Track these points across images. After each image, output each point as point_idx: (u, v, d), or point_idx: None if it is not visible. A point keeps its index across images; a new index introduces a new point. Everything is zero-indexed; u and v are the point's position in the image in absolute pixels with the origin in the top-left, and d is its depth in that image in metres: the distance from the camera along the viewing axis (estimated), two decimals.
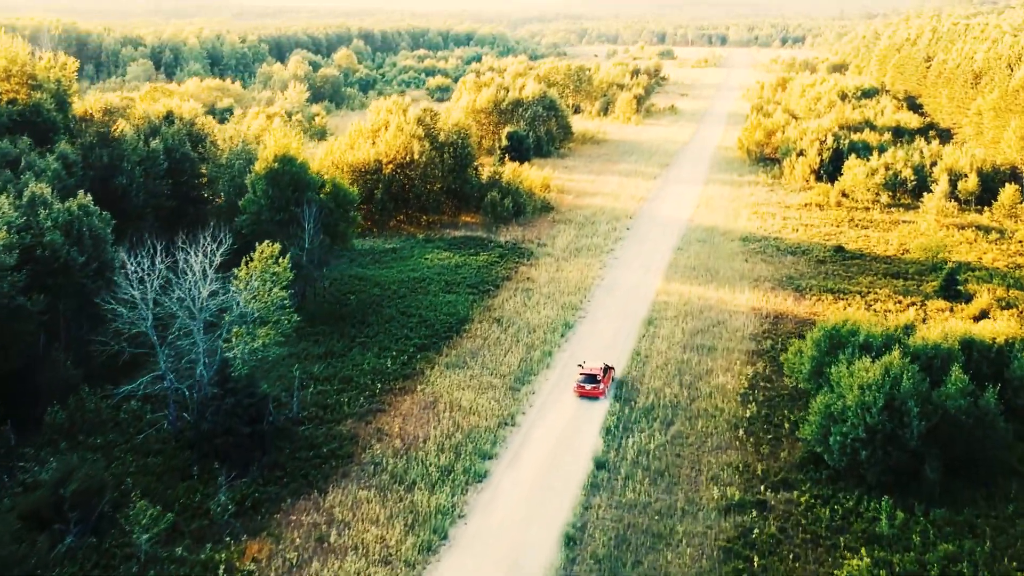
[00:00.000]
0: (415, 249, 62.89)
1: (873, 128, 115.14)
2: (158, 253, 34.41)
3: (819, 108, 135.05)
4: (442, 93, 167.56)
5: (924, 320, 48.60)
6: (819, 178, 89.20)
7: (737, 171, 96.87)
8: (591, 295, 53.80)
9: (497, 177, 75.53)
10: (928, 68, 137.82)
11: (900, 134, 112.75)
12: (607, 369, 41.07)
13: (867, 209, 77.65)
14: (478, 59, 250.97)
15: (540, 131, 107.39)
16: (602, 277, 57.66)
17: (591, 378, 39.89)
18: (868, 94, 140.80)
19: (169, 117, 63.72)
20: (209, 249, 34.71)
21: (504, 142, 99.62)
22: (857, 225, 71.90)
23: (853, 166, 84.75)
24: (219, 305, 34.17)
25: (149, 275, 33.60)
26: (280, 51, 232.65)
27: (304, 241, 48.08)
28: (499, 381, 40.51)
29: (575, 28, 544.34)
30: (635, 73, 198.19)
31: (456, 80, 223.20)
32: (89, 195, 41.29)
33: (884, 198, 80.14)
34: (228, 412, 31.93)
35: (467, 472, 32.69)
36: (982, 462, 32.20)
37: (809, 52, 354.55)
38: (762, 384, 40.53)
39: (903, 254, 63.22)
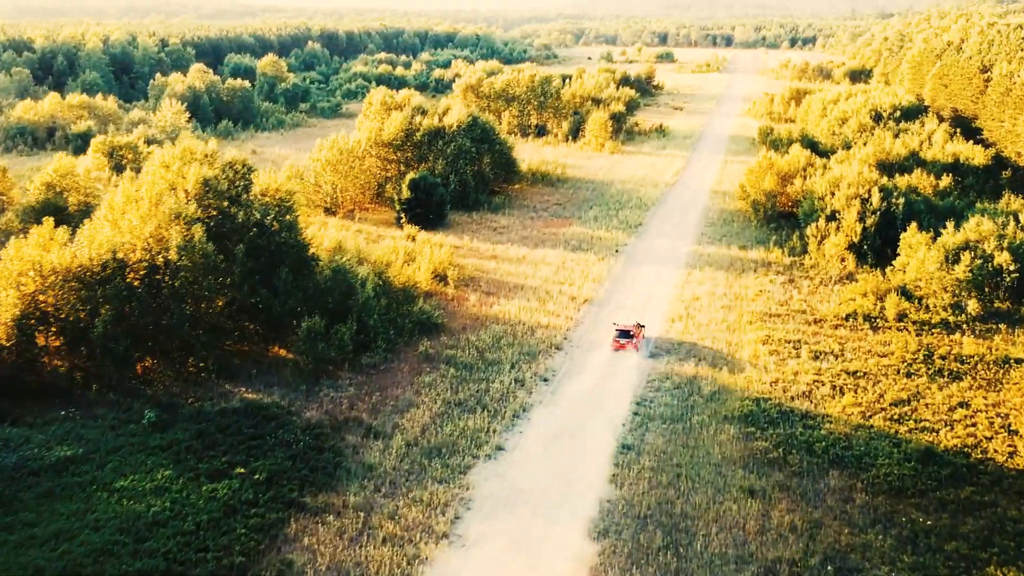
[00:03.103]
0: (114, 456, 32.86)
1: (921, 164, 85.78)
2: None
3: (846, 132, 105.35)
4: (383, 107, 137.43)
5: None
6: (861, 257, 59.24)
7: (738, 239, 66.70)
8: None
9: (341, 275, 45.56)
10: (987, 83, 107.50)
11: (961, 173, 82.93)
12: (639, 326, 45.06)
13: (948, 328, 47.50)
14: (448, 64, 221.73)
15: (467, 173, 77.48)
16: (438, 561, 27.66)
17: (624, 334, 44.09)
18: (908, 115, 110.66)
19: None
20: None
21: (406, 194, 69.76)
22: (941, 371, 41.80)
23: (916, 245, 54.78)
24: None
25: None
26: (218, 55, 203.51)
27: None
28: None
29: (572, 28, 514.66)
30: (622, 82, 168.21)
31: (420, 88, 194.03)
32: None
33: (972, 304, 50.07)
34: None
35: None
36: None
37: (821, 55, 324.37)
38: None
39: None
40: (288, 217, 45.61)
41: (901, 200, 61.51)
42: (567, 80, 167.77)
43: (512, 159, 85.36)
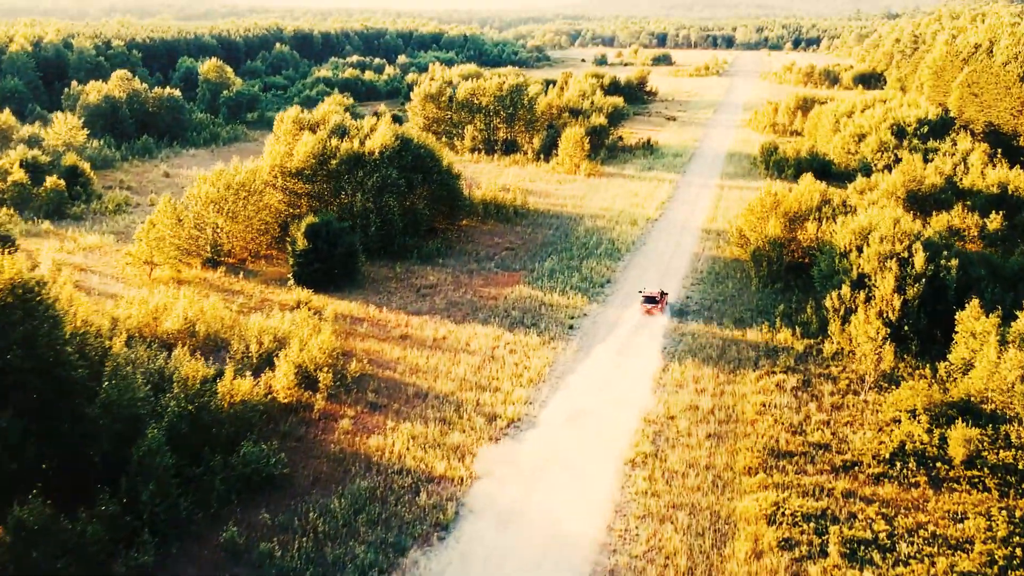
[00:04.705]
0: None
1: (960, 195, 70.49)
2: None
3: (863, 151, 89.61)
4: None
5: None
6: (902, 345, 43.19)
7: (734, 307, 50.56)
8: None
9: (115, 409, 29.48)
10: None
11: (1009, 206, 67.24)
12: (662, 294, 49.48)
13: None
14: (426, 68, 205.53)
15: (393, 211, 61.38)
16: None
17: (651, 299, 48.49)
18: (936, 130, 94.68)
19: None
20: None
21: (301, 244, 53.64)
22: None
23: (982, 334, 38.81)
24: None
25: None
26: (173, 57, 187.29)
27: None
28: None
29: (568, 29, 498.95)
30: (610, 88, 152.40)
31: (390, 95, 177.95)
32: None
33: None
34: None
35: None
36: None
37: (827, 57, 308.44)
38: None
39: None
40: (39, 319, 29.41)
41: (954, 262, 45.34)
42: (550, 86, 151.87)
43: (457, 190, 69.11)
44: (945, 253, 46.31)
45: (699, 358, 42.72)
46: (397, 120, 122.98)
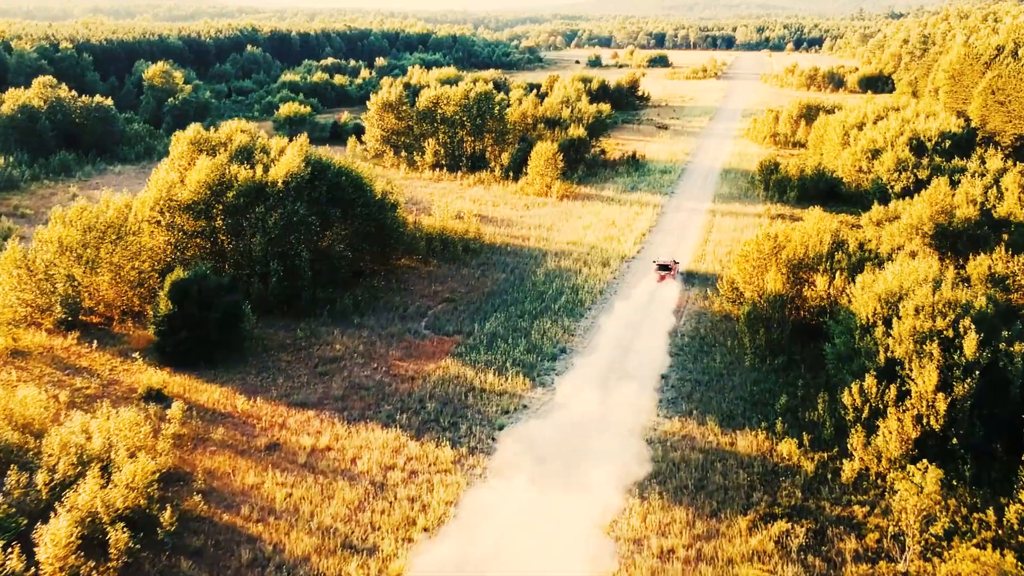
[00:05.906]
0: None
1: (996, 227, 58.73)
2: None
3: (877, 169, 77.53)
4: (292, 128, 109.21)
5: None
6: (949, 465, 31.13)
7: (721, 392, 38.43)
8: None
9: None
10: None
11: None
12: (675, 262, 54.97)
13: None
14: (405, 70, 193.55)
15: (300, 256, 49.20)
16: None
17: (664, 267, 53.81)
18: (960, 145, 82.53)
19: None
20: None
21: (164, 307, 41.61)
22: None
23: None
24: None
25: None
26: (132, 59, 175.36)
27: None
28: None
29: (564, 29, 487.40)
30: (598, 93, 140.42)
31: (362, 101, 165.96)
32: None
33: None
34: None
35: None
36: None
37: (830, 58, 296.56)
38: None
39: None
40: None
41: (1019, 347, 33.22)
42: (533, 90, 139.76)
43: (389, 225, 56.81)
44: (1005, 333, 34.24)
45: (669, 489, 30.63)
46: (358, 131, 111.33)
